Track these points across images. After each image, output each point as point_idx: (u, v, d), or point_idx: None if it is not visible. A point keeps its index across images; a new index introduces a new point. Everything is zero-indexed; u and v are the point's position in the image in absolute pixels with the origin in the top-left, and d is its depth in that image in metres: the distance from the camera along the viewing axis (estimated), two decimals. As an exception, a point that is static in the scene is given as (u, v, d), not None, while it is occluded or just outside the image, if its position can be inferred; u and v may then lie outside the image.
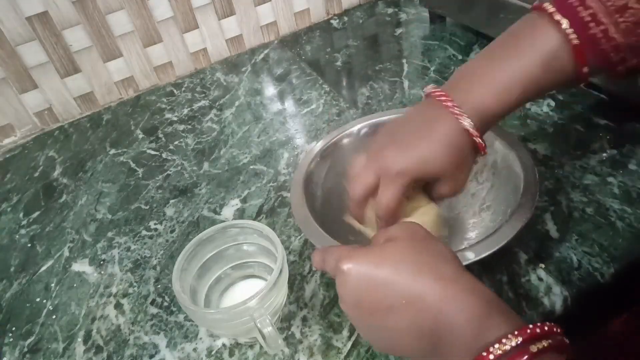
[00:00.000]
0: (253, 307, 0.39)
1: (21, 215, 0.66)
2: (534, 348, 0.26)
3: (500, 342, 0.26)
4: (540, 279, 0.45)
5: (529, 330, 0.27)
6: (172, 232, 0.59)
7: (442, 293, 0.29)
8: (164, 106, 0.83)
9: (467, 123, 0.38)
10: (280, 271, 0.41)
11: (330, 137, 0.55)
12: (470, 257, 0.40)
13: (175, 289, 0.42)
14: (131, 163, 0.72)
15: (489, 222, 0.48)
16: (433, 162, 0.39)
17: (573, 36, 0.36)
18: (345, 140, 0.56)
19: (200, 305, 0.45)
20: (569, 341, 0.28)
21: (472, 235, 0.49)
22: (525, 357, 0.26)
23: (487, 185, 0.51)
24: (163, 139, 0.75)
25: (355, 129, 0.56)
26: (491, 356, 0.26)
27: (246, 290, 0.49)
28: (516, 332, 0.27)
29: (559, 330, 0.28)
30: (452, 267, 0.31)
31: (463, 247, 0.42)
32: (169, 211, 0.62)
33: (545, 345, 0.26)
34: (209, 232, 0.46)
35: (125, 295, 0.53)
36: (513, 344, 0.26)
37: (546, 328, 0.27)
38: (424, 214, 0.43)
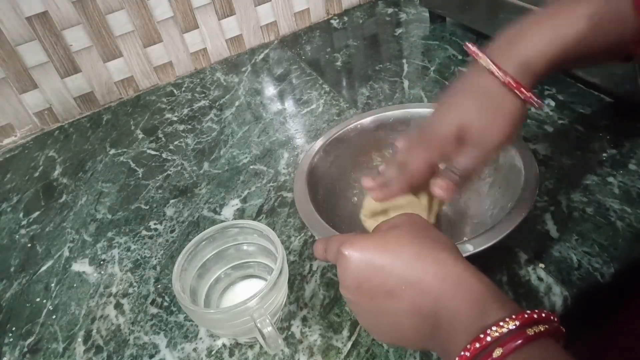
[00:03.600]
0: (253, 307, 0.39)
1: (21, 215, 0.66)
2: (530, 332, 0.26)
3: (497, 325, 0.27)
4: (540, 279, 0.45)
5: (526, 315, 0.27)
6: (172, 232, 0.59)
7: (441, 276, 0.30)
8: (164, 106, 0.83)
9: (501, 75, 0.38)
10: (280, 271, 0.41)
11: (332, 132, 0.56)
12: (469, 249, 0.40)
13: (175, 289, 0.42)
14: (131, 163, 0.72)
15: (489, 217, 0.48)
16: (469, 113, 0.40)
17: None
18: (348, 135, 0.57)
19: (200, 305, 0.45)
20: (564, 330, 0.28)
21: (474, 230, 0.49)
22: (522, 340, 0.26)
23: (489, 181, 0.52)
24: (163, 139, 0.75)
25: (357, 123, 0.57)
26: (488, 338, 0.26)
27: (246, 290, 0.49)
28: (514, 316, 0.27)
29: (555, 319, 0.28)
30: (451, 253, 0.32)
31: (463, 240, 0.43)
32: (169, 211, 0.62)
33: (542, 329, 0.27)
34: (209, 232, 0.46)
35: (125, 295, 0.53)
36: (511, 326, 0.27)
37: (543, 314, 0.28)
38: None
